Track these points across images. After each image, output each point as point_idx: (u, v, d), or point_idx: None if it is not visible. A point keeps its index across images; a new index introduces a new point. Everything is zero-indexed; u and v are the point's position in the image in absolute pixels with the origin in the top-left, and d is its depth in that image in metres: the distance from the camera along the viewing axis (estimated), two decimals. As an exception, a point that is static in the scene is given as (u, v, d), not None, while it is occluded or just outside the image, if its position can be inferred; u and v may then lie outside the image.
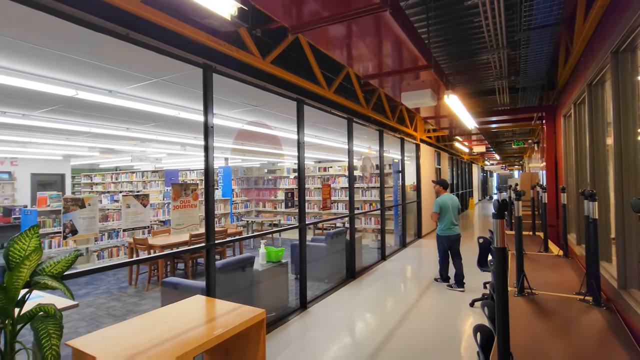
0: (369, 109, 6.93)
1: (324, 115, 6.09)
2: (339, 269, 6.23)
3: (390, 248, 8.70)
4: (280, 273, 4.82)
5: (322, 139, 8.85)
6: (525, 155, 21.14)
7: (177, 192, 3.07)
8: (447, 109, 5.10)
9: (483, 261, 4.85)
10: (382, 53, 3.75)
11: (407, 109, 9.49)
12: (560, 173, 5.09)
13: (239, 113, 5.76)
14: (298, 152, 4.77)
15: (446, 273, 5.84)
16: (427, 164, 11.05)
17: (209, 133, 3.37)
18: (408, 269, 7.00)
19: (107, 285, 6.16)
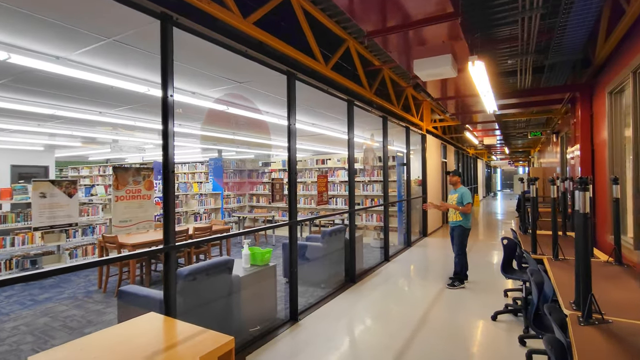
0: (372, 92, 6.16)
1: (321, 97, 5.33)
2: (337, 272, 5.50)
3: (394, 247, 7.96)
4: (267, 278, 4.08)
5: (321, 127, 8.09)
6: (533, 150, 20.32)
7: (121, 179, 2.33)
8: (465, 85, 4.34)
9: (508, 266, 4.11)
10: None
11: (414, 96, 8.73)
12: (600, 162, 4.33)
13: (222, 92, 4.99)
14: (288, 136, 4.02)
15: (466, 271, 5.35)
16: (433, 157, 10.29)
17: (168, 110, 2.62)
18: (414, 271, 6.26)
19: (74, 288, 5.44)
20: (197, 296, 3.15)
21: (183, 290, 3.01)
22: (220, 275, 3.37)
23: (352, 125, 5.54)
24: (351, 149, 5.48)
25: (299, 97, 5.44)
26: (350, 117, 5.49)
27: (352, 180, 5.42)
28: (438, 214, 10.98)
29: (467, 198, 5.12)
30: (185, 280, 3.01)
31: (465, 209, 5.10)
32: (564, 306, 2.26)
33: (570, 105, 5.37)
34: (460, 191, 5.19)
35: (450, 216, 5.34)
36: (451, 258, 7.10)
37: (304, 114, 6.52)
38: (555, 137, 8.32)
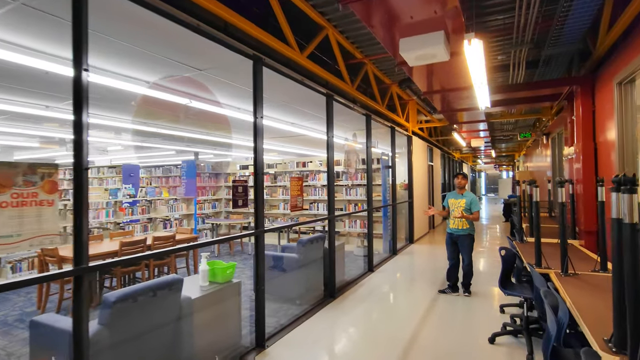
0: (354, 88, 5.64)
1: (298, 91, 4.78)
2: (315, 286, 4.91)
3: (379, 256, 7.42)
4: (230, 297, 3.46)
5: (300, 127, 7.52)
6: (517, 154, 20.23)
7: (4, 179, 1.70)
8: (457, 75, 3.86)
9: (507, 280, 3.60)
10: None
11: (399, 95, 8.27)
12: (605, 161, 3.89)
13: (180, 81, 4.36)
14: (255, 132, 3.44)
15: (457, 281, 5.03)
16: (420, 160, 9.85)
17: (82, 92, 2.01)
18: (401, 283, 5.72)
19: (9, 309, 4.69)
20: (132, 327, 2.51)
21: (112, 320, 2.37)
22: (165, 299, 2.74)
23: (332, 123, 4.99)
24: (331, 150, 4.93)
25: (272, 89, 4.87)
26: (329, 114, 4.95)
27: (332, 184, 4.86)
28: (425, 219, 10.53)
29: (477, 205, 4.70)
30: (114, 307, 2.38)
31: (475, 217, 4.65)
32: (596, 345, 1.73)
33: (567, 102, 4.98)
34: (469, 197, 4.74)
35: (454, 223, 4.82)
36: (441, 267, 6.63)
37: (279, 110, 5.95)
38: (546, 139, 7.98)
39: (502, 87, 4.61)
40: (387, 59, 6.23)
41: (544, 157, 9.21)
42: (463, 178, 4.91)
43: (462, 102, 5.15)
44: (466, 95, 4.64)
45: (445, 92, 4.40)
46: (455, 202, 4.83)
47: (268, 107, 5.70)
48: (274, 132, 8.08)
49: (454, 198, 4.88)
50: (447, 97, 4.83)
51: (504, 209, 14.46)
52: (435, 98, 5.00)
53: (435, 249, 8.48)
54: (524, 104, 5.51)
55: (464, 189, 4.86)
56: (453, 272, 4.95)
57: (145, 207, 7.90)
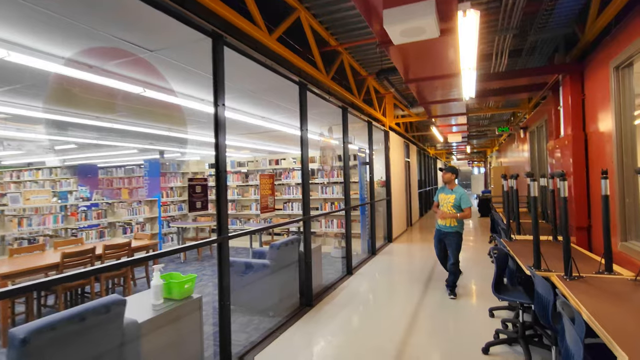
0: (329, 78, 5.22)
1: (268, 79, 4.32)
2: (289, 294, 4.46)
3: (357, 257, 7.06)
4: (188, 316, 2.95)
5: (272, 121, 7.03)
6: (490, 150, 20.53)
7: None
8: (442, 59, 3.50)
9: (500, 284, 3.28)
10: None
11: (376, 89, 7.93)
12: (597, 153, 3.65)
13: (130, 64, 3.77)
14: (215, 124, 2.94)
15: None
16: (397, 156, 9.58)
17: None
18: (383, 286, 5.36)
19: None
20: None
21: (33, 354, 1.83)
22: (101, 327, 2.21)
23: (306, 115, 4.55)
24: (305, 145, 4.49)
25: (237, 76, 4.37)
26: (303, 105, 4.50)
27: (306, 183, 4.42)
28: (402, 217, 10.29)
29: (467, 201, 4.42)
30: (27, 347, 1.83)
31: (464, 216, 4.41)
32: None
33: (551, 93, 4.77)
34: (459, 193, 4.47)
35: (443, 220, 4.58)
36: (421, 267, 6.35)
37: (248, 102, 5.44)
38: (523, 133, 7.88)
39: (485, 76, 4.33)
40: (364, 48, 5.85)
41: (520, 152, 9.15)
42: (446, 173, 4.64)
43: (445, 93, 4.84)
44: (450, 84, 4.32)
45: (428, 81, 4.05)
46: (445, 197, 4.58)
47: (235, 97, 5.18)
48: (244, 128, 7.54)
49: (444, 193, 4.63)
50: (430, 87, 4.49)
51: (479, 204, 14.54)
52: (416, 88, 4.65)
53: (414, 248, 8.22)
54: (508, 94, 5.29)
55: (454, 183, 4.59)
56: (446, 263, 4.81)
57: (102, 211, 7.16)
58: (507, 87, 5.23)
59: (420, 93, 4.98)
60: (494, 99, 5.84)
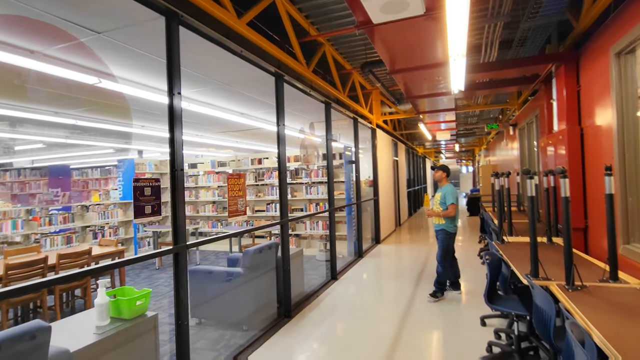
0: (309, 70, 4.88)
1: (240, 69, 3.95)
2: (266, 305, 4.10)
3: (343, 260, 6.73)
4: (140, 338, 2.57)
5: (252, 118, 6.65)
6: (478, 149, 20.45)
7: None
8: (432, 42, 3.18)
9: (494, 292, 2.97)
10: None
11: (362, 85, 7.62)
12: (594, 148, 3.38)
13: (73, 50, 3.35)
14: (170, 115, 2.56)
15: (446, 280, 4.63)
16: (385, 155, 9.28)
17: None
18: (369, 292, 5.03)
19: None
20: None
21: None
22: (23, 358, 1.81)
23: (283, 109, 4.19)
24: (282, 143, 4.13)
25: (209, 65, 4.00)
26: (279, 98, 4.14)
27: (283, 183, 4.06)
28: (391, 217, 10.00)
29: (450, 198, 4.34)
30: None
31: (447, 213, 4.33)
32: None
33: (543, 86, 4.51)
34: (444, 190, 4.43)
35: (434, 218, 4.59)
36: (411, 270, 6.05)
37: (223, 95, 5.05)
38: (512, 130, 7.66)
39: (474, 67, 4.04)
40: (347, 40, 5.53)
41: (509, 150, 8.94)
42: (437, 171, 4.58)
43: (433, 86, 4.53)
44: (438, 76, 4.02)
45: (415, 72, 3.73)
46: (436, 196, 4.58)
47: (208, 91, 4.79)
48: (223, 125, 7.14)
49: (436, 192, 4.66)
50: (417, 79, 4.18)
51: (467, 203, 14.38)
52: (403, 80, 4.33)
53: (403, 249, 7.92)
54: (498, 88, 5.01)
55: (444, 181, 4.54)
56: (452, 270, 4.69)
57: (69, 215, 6.67)
58: (497, 80, 4.96)
59: (407, 86, 4.67)
60: (483, 92, 5.56)
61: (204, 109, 5.36)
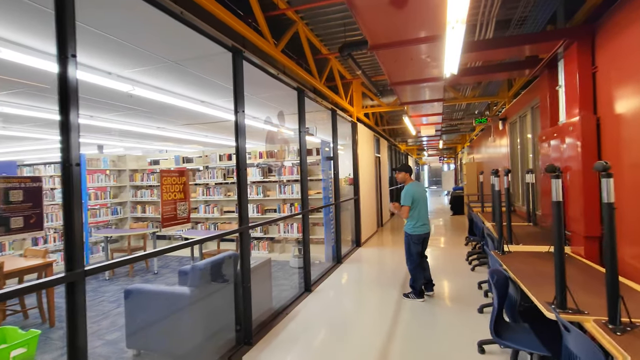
0: (277, 49, 4.17)
1: (195, 45, 3.21)
2: (221, 330, 3.38)
3: (320, 267, 6.06)
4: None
5: (216, 108, 5.86)
6: (460, 146, 20.18)
7: None
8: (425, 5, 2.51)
9: (501, 321, 2.35)
10: None
11: (341, 74, 6.94)
12: (612, 141, 2.81)
13: None
14: (62, 83, 1.80)
15: (421, 284, 4.39)
16: (366, 151, 8.66)
17: None
18: (346, 306, 4.37)
19: None
20: None
21: None
22: None
23: (242, 91, 3.45)
24: (241, 134, 3.40)
25: (151, 38, 3.22)
26: (237, 78, 3.40)
27: (243, 181, 3.33)
28: (373, 218, 9.40)
29: (404, 199, 4.37)
30: None
31: (401, 212, 4.34)
32: None
33: (546, 71, 3.95)
34: (404, 189, 4.45)
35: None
36: (394, 276, 5.44)
37: (169, 76, 4.25)
38: (502, 125, 7.16)
39: (469, 45, 3.42)
40: (324, 19, 4.84)
41: (497, 146, 8.47)
42: (399, 173, 4.64)
43: (420, 70, 3.87)
44: (427, 55, 3.37)
45: (402, 47, 3.07)
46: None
47: (153, 70, 3.99)
48: (185, 116, 6.33)
49: None
50: (404, 58, 3.52)
51: (450, 201, 13.97)
52: (385, 59, 3.66)
53: (385, 253, 7.32)
54: (492, 73, 4.40)
55: (408, 180, 4.56)
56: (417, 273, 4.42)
57: (1, 219, 5.75)
58: (492, 65, 4.37)
59: (390, 68, 4.00)
60: (474, 79, 4.94)
61: (151, 94, 4.55)
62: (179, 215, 2.61)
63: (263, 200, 7.30)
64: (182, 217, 2.64)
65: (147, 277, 6.10)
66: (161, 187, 2.46)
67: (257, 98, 5.49)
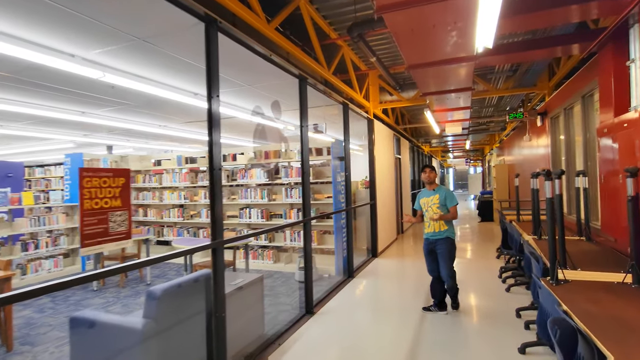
0: (272, 28, 3.50)
1: (165, 17, 2.60)
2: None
3: (328, 282, 5.33)
4: None
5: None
6: (489, 147, 18.91)
7: None
8: None
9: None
10: None
11: (354, 63, 6.21)
12: None
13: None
14: None
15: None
16: (385, 152, 7.86)
17: None
18: (356, 336, 3.61)
19: None
20: None
21: None
22: None
23: (216, 71, 2.79)
24: (216, 125, 2.74)
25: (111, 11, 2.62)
26: (211, 52, 2.72)
27: (217, 183, 2.66)
28: (392, 224, 8.57)
29: (453, 199, 3.95)
30: None
31: (452, 215, 3.90)
32: None
33: (611, 44, 3.07)
34: (443, 191, 4.00)
35: (430, 226, 4.01)
36: (416, 294, 4.61)
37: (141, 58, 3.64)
38: (541, 120, 6.21)
39: (507, 9, 2.59)
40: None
41: (533, 146, 7.47)
42: (431, 171, 4.09)
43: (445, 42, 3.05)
44: (455, 19, 2.57)
45: (417, 7, 2.30)
46: (428, 200, 4.04)
47: (118, 51, 3.39)
48: (182, 112, 5.78)
49: (425, 197, 4.10)
50: (421, 23, 2.72)
51: (479, 206, 12.88)
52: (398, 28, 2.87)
53: (406, 265, 6.51)
54: (536, 49, 3.50)
55: (434, 183, 4.08)
56: (437, 286, 4.03)
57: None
58: (533, 40, 3.51)
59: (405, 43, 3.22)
60: (510, 57, 3.95)
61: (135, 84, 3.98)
62: (111, 230, 1.96)
63: (268, 205, 6.66)
64: (116, 233, 1.99)
65: (138, 287, 5.56)
66: (81, 192, 1.81)
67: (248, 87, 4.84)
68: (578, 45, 3.40)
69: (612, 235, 3.47)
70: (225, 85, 4.54)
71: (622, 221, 3.12)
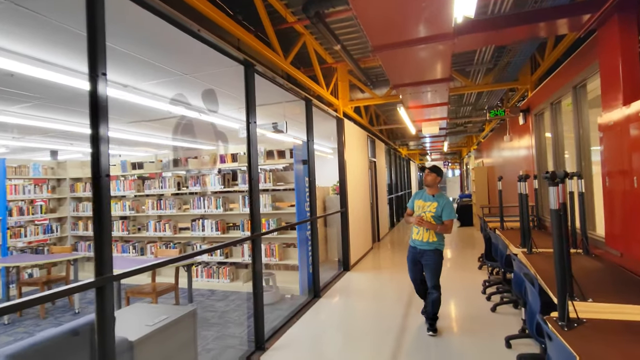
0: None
1: None
2: None
3: (289, 304, 4.60)
4: None
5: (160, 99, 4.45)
6: (467, 149, 18.67)
7: None
8: None
9: None
10: None
11: (319, 55, 5.53)
12: None
13: None
14: None
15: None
16: (358, 154, 7.22)
17: None
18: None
19: None
20: None
21: None
22: None
23: (103, 46, 2.03)
24: (103, 114, 1.97)
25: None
26: (92, 21, 1.96)
27: (103, 194, 1.90)
28: (367, 233, 7.92)
29: (451, 212, 3.57)
30: None
31: (445, 229, 3.53)
32: None
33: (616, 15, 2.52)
34: (442, 201, 3.62)
35: (418, 233, 3.65)
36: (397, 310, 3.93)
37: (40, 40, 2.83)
38: (523, 118, 5.71)
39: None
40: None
41: (515, 147, 7.00)
42: (431, 173, 3.66)
43: (417, 12, 2.39)
44: None
45: None
46: (424, 205, 3.66)
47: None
48: (130, 111, 4.92)
49: (422, 200, 3.72)
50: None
51: (458, 211, 12.45)
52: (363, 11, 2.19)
53: (383, 278, 5.86)
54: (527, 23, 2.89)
55: (436, 188, 3.67)
56: (423, 289, 3.73)
57: None
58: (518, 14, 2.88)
59: (369, 22, 2.56)
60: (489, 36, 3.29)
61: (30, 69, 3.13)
62: None
63: (224, 215, 5.87)
64: None
65: (63, 318, 4.65)
66: None
67: (196, 79, 4.06)
68: (567, 20, 2.82)
69: (618, 248, 2.90)
70: (156, 74, 3.75)
71: (632, 232, 2.55)
